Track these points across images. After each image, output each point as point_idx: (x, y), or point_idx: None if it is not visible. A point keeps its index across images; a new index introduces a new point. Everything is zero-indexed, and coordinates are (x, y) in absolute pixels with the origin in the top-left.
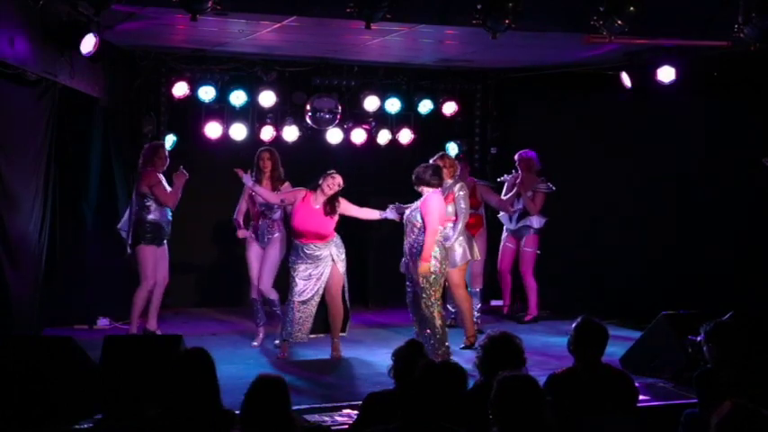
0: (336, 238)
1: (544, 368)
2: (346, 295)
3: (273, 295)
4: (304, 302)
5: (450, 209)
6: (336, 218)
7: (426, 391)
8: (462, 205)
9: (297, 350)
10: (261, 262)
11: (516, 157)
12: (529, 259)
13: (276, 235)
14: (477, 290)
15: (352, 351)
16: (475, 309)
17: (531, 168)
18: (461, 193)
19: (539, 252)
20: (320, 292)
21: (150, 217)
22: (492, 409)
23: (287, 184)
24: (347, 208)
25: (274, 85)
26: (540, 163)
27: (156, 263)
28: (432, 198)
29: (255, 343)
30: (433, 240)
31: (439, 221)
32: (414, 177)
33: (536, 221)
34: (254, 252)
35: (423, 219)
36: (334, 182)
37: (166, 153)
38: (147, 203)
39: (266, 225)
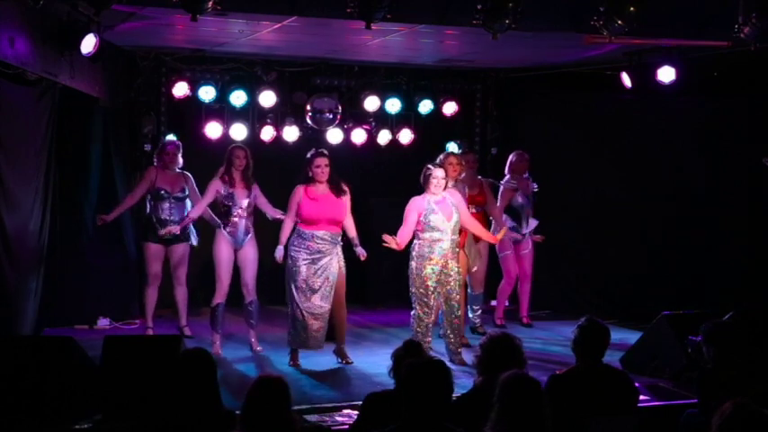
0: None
1: (544, 369)
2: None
3: (256, 297)
4: (312, 306)
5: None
6: (347, 203)
7: (410, 389)
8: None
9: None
10: (241, 264)
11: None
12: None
13: (251, 234)
14: (479, 293)
15: (352, 351)
16: (476, 312)
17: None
18: (455, 202)
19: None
20: (331, 292)
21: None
22: (494, 408)
23: (255, 185)
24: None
25: (274, 85)
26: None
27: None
28: (414, 200)
29: (219, 352)
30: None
31: (412, 224)
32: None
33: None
34: (227, 254)
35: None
36: (321, 168)
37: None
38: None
39: (245, 225)
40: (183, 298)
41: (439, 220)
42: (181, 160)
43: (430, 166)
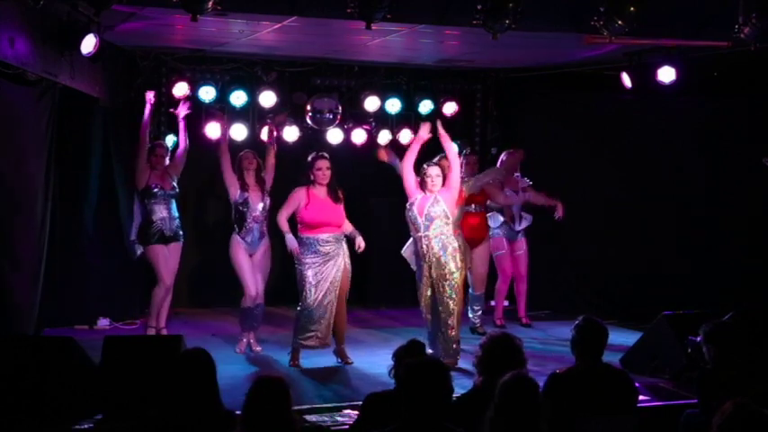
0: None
1: (544, 369)
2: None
3: (263, 301)
4: (318, 306)
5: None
6: (342, 205)
7: (409, 389)
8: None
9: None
10: (256, 268)
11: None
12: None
13: (266, 238)
14: (480, 293)
15: (352, 351)
16: (477, 313)
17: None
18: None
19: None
20: (335, 294)
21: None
22: (492, 409)
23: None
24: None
25: (274, 86)
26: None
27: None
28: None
29: (240, 349)
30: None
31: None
32: None
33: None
34: (245, 258)
35: None
36: (323, 171)
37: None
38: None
39: (259, 230)
40: (168, 300)
41: (413, 216)
42: (168, 162)
43: (425, 165)
